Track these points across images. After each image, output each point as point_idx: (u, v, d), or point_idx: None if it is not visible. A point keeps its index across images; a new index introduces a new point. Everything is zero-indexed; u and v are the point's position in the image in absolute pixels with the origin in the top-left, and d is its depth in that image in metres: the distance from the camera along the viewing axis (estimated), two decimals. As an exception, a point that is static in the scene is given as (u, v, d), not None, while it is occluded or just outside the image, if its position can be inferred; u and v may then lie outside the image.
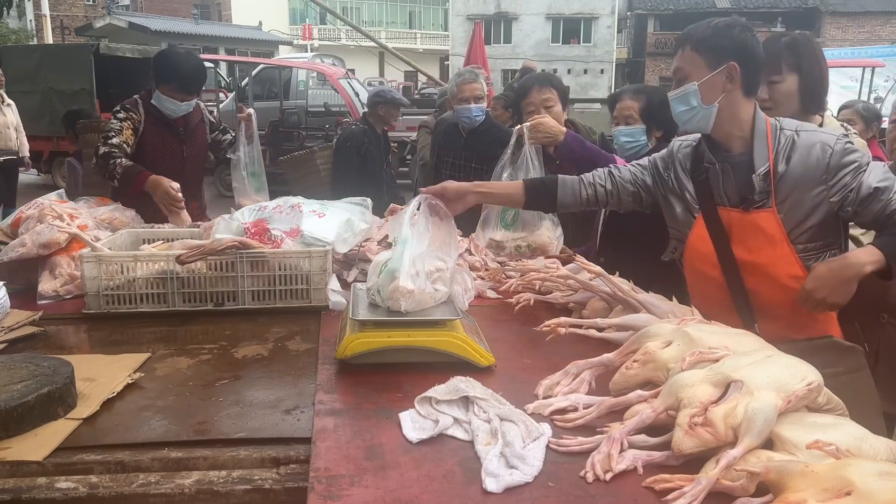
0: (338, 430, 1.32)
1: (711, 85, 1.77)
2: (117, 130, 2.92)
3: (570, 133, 2.59)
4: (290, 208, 2.37)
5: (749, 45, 1.77)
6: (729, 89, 1.77)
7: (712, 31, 1.78)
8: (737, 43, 1.76)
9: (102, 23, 22.92)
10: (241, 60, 17.14)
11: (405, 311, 1.62)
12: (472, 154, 3.70)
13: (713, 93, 1.78)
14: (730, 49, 1.76)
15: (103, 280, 2.01)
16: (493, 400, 1.37)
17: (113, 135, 2.91)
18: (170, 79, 2.95)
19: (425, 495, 1.11)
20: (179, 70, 2.96)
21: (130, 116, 2.97)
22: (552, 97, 2.94)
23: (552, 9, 34.61)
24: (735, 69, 1.75)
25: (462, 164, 3.73)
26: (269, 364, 1.71)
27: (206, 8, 37.22)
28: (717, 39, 1.77)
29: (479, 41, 10.88)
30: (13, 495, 1.17)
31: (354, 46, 35.67)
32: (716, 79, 1.77)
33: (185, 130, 3.12)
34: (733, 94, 1.78)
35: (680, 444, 1.15)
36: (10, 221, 2.49)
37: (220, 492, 1.20)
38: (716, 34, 1.78)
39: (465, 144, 3.71)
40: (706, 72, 1.77)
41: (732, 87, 1.77)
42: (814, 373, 1.27)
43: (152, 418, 1.41)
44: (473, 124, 3.67)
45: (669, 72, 1.93)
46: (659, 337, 1.46)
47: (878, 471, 0.98)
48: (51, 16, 19.66)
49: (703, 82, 1.78)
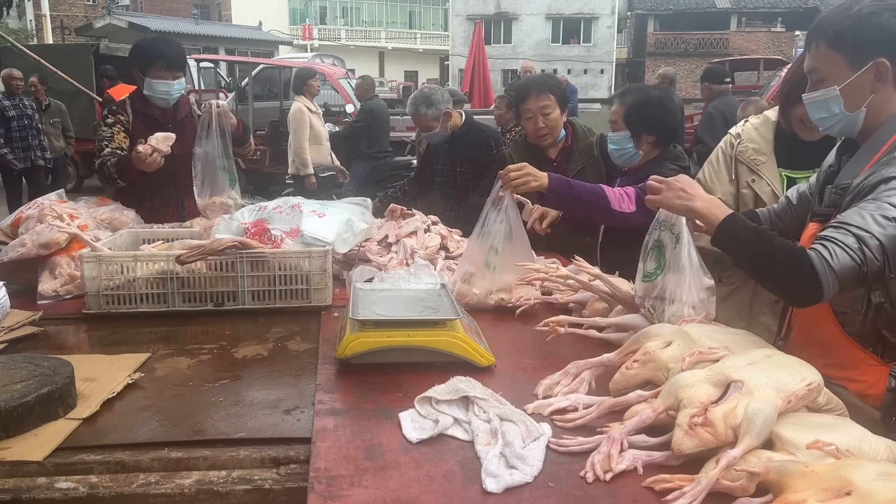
0: (338, 430, 1.32)
1: (856, 87, 1.50)
2: (108, 138, 2.92)
3: (553, 175, 2.30)
4: (290, 208, 2.37)
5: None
6: (878, 89, 1.49)
7: (853, 21, 1.47)
8: (884, 33, 1.45)
9: (102, 23, 22.94)
10: (241, 60, 17.15)
11: None
12: (455, 158, 3.75)
13: (859, 96, 1.50)
14: (875, 43, 1.45)
15: (103, 280, 2.01)
16: (493, 400, 1.37)
17: (105, 143, 2.91)
18: (156, 60, 2.95)
19: (425, 495, 1.11)
20: (163, 50, 2.97)
21: (119, 119, 2.96)
22: (550, 103, 2.91)
23: (552, 9, 34.64)
24: (885, 66, 1.46)
25: (449, 169, 3.78)
26: (269, 364, 1.71)
27: (206, 8, 37.23)
28: (858, 32, 1.46)
29: (479, 41, 10.89)
30: (13, 495, 1.17)
31: (354, 47, 35.69)
32: (861, 79, 1.49)
33: (175, 125, 3.11)
34: (883, 92, 1.49)
35: (680, 444, 1.15)
36: (10, 221, 2.49)
37: (220, 492, 1.20)
38: (857, 26, 1.47)
39: (449, 149, 3.77)
40: (848, 73, 1.49)
41: (882, 86, 1.48)
42: (814, 373, 1.27)
43: (152, 418, 1.41)
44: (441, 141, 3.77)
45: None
46: (659, 337, 1.46)
47: (878, 471, 0.98)
48: (51, 16, 19.67)
49: (846, 86, 1.50)
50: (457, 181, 3.72)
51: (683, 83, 31.04)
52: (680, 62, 33.23)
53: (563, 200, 2.34)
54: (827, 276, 1.38)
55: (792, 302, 1.63)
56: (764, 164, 2.21)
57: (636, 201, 2.36)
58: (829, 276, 1.38)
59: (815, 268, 1.38)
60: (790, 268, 1.42)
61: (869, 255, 1.37)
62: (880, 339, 1.55)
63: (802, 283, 1.41)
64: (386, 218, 2.75)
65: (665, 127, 2.57)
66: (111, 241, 2.24)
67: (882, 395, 1.51)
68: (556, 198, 2.31)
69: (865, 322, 1.56)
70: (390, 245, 2.55)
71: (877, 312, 1.54)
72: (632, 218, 2.35)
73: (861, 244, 1.37)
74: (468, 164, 3.66)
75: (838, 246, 1.39)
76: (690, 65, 32.81)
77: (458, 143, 3.72)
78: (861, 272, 1.38)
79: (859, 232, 1.38)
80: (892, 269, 1.39)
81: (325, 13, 41.47)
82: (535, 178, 2.21)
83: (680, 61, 33.23)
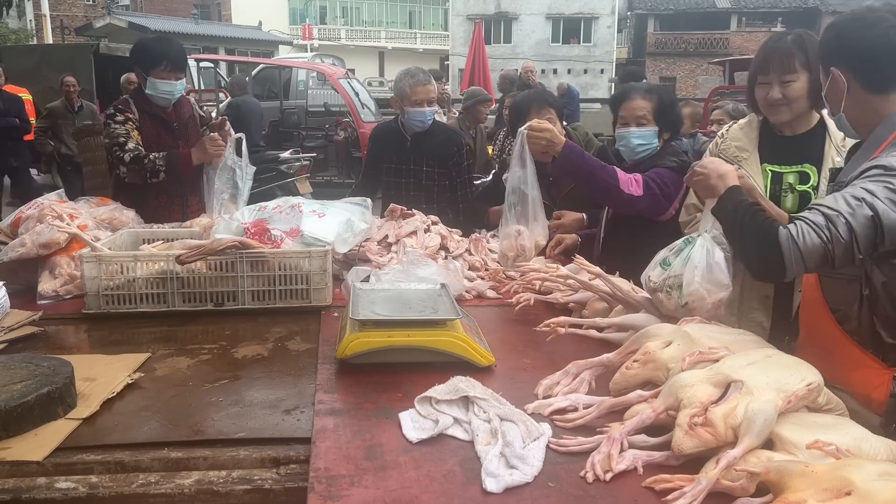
0: (338, 430, 1.32)
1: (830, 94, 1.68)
2: (125, 135, 2.92)
3: (570, 143, 2.39)
4: (290, 208, 2.37)
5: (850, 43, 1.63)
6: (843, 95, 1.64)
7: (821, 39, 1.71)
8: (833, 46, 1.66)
9: (102, 23, 22.93)
10: (241, 60, 17.14)
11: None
12: (422, 156, 3.43)
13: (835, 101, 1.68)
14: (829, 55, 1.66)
15: (103, 280, 2.01)
16: (493, 400, 1.37)
17: (124, 140, 2.91)
18: (160, 60, 2.96)
19: (425, 495, 1.11)
20: (166, 50, 2.99)
21: (128, 117, 2.97)
22: (552, 117, 2.90)
23: (552, 9, 34.62)
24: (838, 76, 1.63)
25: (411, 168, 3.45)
26: (269, 364, 1.71)
27: (205, 8, 37.23)
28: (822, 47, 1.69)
29: (479, 41, 10.89)
30: (13, 495, 1.17)
31: (354, 47, 35.70)
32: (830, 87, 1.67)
33: (179, 125, 3.12)
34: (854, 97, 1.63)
35: (680, 444, 1.15)
36: (10, 221, 2.49)
37: (220, 492, 1.21)
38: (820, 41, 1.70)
39: (412, 147, 3.45)
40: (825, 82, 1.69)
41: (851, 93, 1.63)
42: (814, 373, 1.27)
43: (152, 418, 1.41)
44: (424, 127, 3.42)
45: (670, 72, 1.91)
46: (659, 337, 1.46)
47: (878, 471, 0.98)
48: (51, 16, 19.70)
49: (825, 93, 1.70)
50: (421, 181, 3.44)
51: (683, 83, 31.05)
52: (680, 62, 33.23)
53: (574, 169, 2.40)
54: (790, 252, 1.48)
55: (755, 274, 1.70)
56: (746, 159, 2.24)
57: (643, 187, 2.41)
58: (792, 252, 1.48)
59: (779, 242, 1.49)
60: (756, 240, 1.55)
61: (835, 233, 1.45)
62: (878, 339, 1.56)
63: (764, 255, 1.54)
64: (386, 218, 2.75)
65: (679, 125, 2.77)
66: (111, 241, 2.24)
67: (885, 401, 1.51)
68: (568, 165, 2.38)
69: (861, 319, 1.58)
70: (390, 245, 2.55)
71: (870, 308, 1.56)
72: (637, 202, 2.40)
73: (829, 222, 1.46)
74: (436, 162, 3.42)
75: (807, 224, 1.48)
76: (690, 65, 32.80)
77: (425, 140, 3.43)
78: (827, 250, 1.46)
79: (829, 211, 1.48)
80: (861, 248, 1.45)
81: (325, 13, 41.46)
82: (552, 142, 2.34)
83: (680, 61, 33.22)
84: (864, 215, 1.44)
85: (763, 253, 1.54)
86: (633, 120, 2.58)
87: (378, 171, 3.53)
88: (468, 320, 1.79)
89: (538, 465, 1.17)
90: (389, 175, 3.48)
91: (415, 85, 3.34)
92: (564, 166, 2.39)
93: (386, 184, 3.51)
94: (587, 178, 2.38)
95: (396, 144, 3.48)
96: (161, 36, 3.47)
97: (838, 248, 1.45)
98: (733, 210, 1.64)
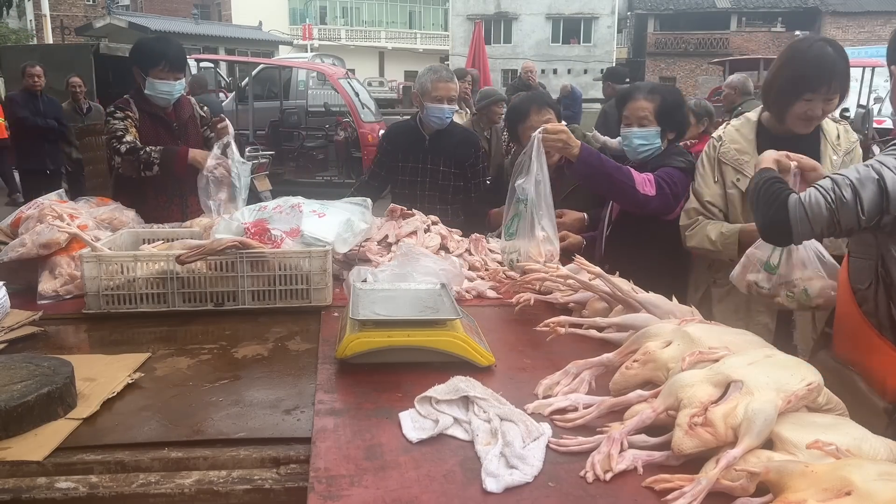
0: (338, 430, 1.32)
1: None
2: (124, 129, 2.93)
3: (585, 146, 2.37)
4: (290, 208, 2.37)
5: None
6: None
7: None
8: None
9: (102, 23, 22.95)
10: (241, 60, 17.13)
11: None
12: (439, 156, 3.41)
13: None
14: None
15: (103, 280, 2.01)
16: (493, 400, 1.37)
17: (122, 133, 2.92)
18: (159, 60, 2.97)
19: (425, 495, 1.11)
20: (166, 50, 2.99)
21: (128, 115, 2.98)
22: (552, 118, 2.91)
23: (552, 9, 34.65)
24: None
25: (427, 167, 3.41)
26: (269, 364, 1.71)
27: (206, 8, 37.26)
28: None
29: (480, 41, 10.89)
30: (13, 495, 1.17)
31: (354, 47, 35.68)
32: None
33: (179, 125, 3.13)
34: None
35: (680, 444, 1.15)
36: (10, 221, 2.49)
37: (220, 492, 1.20)
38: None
39: (430, 146, 3.41)
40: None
41: None
42: (814, 373, 1.27)
43: (152, 418, 1.41)
44: (443, 125, 3.38)
45: (669, 72, 1.93)
46: (659, 337, 1.46)
47: (878, 471, 0.98)
48: (51, 16, 19.68)
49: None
50: (437, 181, 3.41)
51: (683, 83, 31.03)
52: (680, 62, 33.23)
53: (592, 172, 2.39)
54: (796, 214, 1.59)
55: (764, 236, 1.79)
56: (748, 162, 2.24)
57: (656, 187, 2.43)
58: (798, 214, 1.59)
59: (786, 205, 1.60)
60: (767, 203, 1.67)
61: (838, 194, 1.54)
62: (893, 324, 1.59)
63: (772, 216, 1.65)
64: (386, 218, 2.75)
65: (685, 125, 2.75)
66: (111, 241, 2.24)
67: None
68: (586, 169, 2.37)
69: (877, 300, 1.61)
70: (390, 245, 2.55)
71: (887, 291, 1.59)
72: (651, 202, 2.43)
73: (835, 185, 1.56)
74: (452, 163, 3.40)
75: (815, 188, 1.59)
76: (690, 65, 32.79)
77: (444, 139, 3.41)
78: (832, 211, 1.55)
79: (837, 177, 1.58)
80: (864, 211, 1.51)
81: (325, 13, 41.47)
82: (568, 144, 2.33)
83: (680, 61, 33.22)
84: (870, 178, 1.51)
85: (770, 214, 1.64)
86: (635, 120, 2.60)
87: (390, 169, 3.48)
88: (468, 320, 1.79)
89: (538, 465, 1.17)
90: (405, 174, 3.44)
91: (437, 81, 3.32)
92: (583, 169, 2.37)
93: (400, 182, 3.46)
94: (605, 180, 2.38)
95: (414, 143, 3.43)
96: (160, 36, 3.47)
97: (843, 211, 1.53)
98: (756, 182, 1.75)
